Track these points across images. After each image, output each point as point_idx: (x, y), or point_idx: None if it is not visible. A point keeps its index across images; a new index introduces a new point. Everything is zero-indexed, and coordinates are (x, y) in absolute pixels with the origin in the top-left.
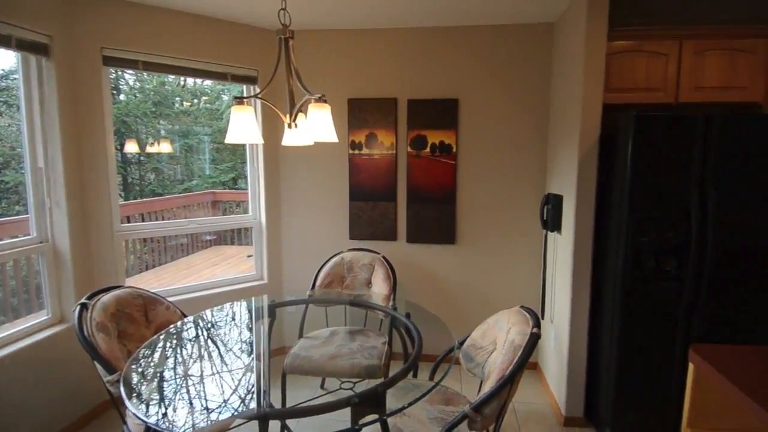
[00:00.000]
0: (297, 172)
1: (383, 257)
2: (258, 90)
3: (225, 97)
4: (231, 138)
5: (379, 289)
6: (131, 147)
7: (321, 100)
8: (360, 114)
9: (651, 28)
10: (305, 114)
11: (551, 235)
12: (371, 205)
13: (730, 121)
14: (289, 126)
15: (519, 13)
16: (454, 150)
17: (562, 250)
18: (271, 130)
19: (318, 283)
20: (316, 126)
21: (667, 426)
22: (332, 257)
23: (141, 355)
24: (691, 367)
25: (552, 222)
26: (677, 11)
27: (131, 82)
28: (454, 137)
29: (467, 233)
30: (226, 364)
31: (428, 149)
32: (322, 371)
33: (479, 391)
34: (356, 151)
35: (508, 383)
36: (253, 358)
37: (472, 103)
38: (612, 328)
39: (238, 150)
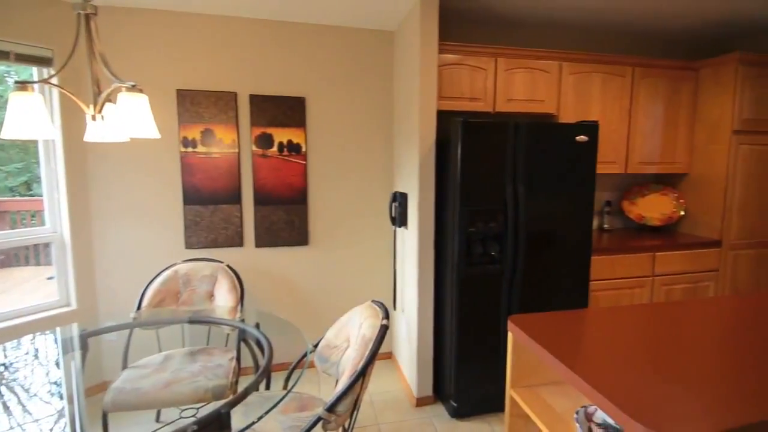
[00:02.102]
0: (112, 173)
1: (228, 266)
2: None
3: (11, 81)
4: (9, 132)
5: (223, 301)
6: None
7: (134, 89)
8: (193, 107)
9: (473, 45)
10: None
11: (399, 231)
12: (211, 209)
13: (532, 128)
14: (93, 118)
15: (360, 18)
16: (304, 149)
17: (410, 243)
18: (76, 123)
19: (145, 302)
20: (129, 119)
21: (499, 389)
22: (163, 271)
23: None
24: (510, 335)
25: (399, 218)
26: (494, 33)
27: None
28: (303, 136)
29: (321, 233)
30: (30, 413)
31: (275, 148)
32: (155, 402)
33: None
34: (190, 149)
35: (360, 377)
36: (64, 401)
37: (320, 102)
38: (451, 310)
39: (32, 147)
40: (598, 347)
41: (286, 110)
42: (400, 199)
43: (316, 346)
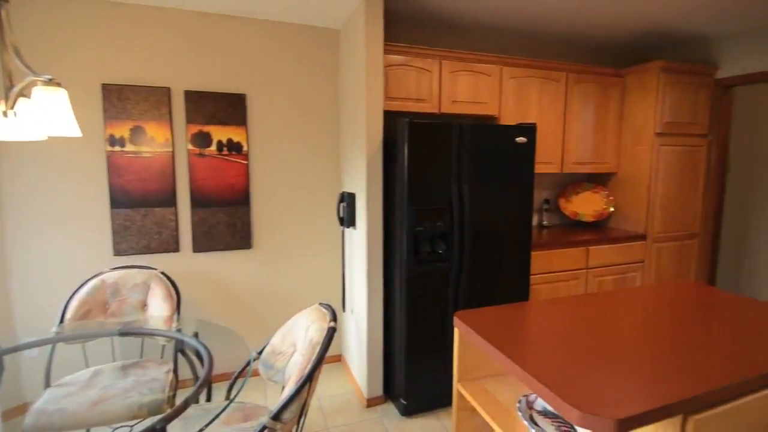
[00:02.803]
0: (29, 175)
1: (162, 273)
2: None
3: None
4: None
5: (157, 311)
6: None
7: (51, 82)
8: (120, 103)
9: (418, 47)
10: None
11: (348, 231)
12: (143, 213)
13: (475, 129)
14: (5, 114)
15: (303, 15)
16: (245, 149)
17: (358, 243)
18: None
19: (69, 315)
20: (46, 115)
21: (449, 385)
22: (89, 280)
23: None
24: (456, 331)
25: (348, 218)
26: (439, 36)
27: None
28: (244, 135)
29: (265, 236)
30: None
31: (214, 147)
32: (83, 422)
33: None
34: (118, 148)
35: (307, 382)
36: None
37: (262, 100)
38: (400, 308)
39: None
40: (538, 338)
41: (225, 107)
42: (348, 200)
43: (260, 353)
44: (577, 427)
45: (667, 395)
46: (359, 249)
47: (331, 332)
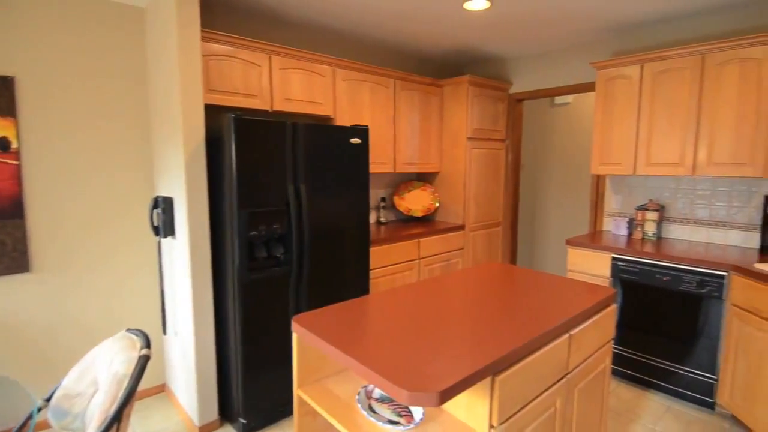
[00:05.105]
0: None
1: None
2: None
3: None
4: None
5: None
6: None
7: None
8: None
9: (244, 39)
10: None
11: (166, 241)
12: None
13: (309, 129)
14: None
15: None
16: (15, 145)
17: (179, 254)
18: None
19: None
20: None
21: (290, 396)
22: None
23: None
24: (294, 336)
25: (164, 227)
26: (266, 29)
27: None
28: (12, 128)
29: (51, 255)
30: None
31: None
32: None
33: None
34: None
35: (113, 423)
36: None
37: (42, 85)
38: (234, 321)
39: None
40: (373, 329)
41: None
42: (163, 205)
43: (48, 399)
44: (410, 406)
45: (478, 361)
46: (181, 260)
47: (144, 360)
